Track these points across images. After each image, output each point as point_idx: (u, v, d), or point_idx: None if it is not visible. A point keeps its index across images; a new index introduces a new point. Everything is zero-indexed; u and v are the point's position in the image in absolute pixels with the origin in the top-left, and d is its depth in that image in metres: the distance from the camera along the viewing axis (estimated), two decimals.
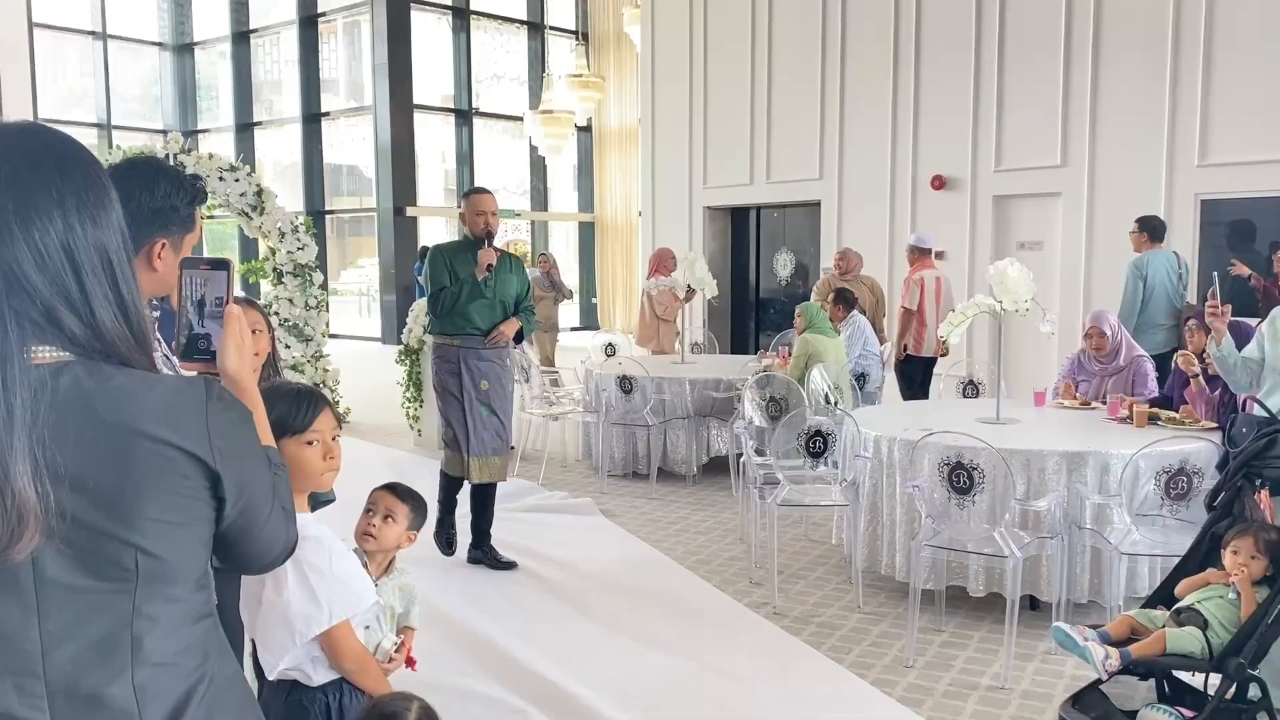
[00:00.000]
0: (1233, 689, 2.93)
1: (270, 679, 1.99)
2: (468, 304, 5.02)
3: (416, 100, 18.55)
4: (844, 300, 7.45)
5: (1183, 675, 3.21)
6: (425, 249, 17.58)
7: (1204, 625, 3.01)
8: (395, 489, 2.48)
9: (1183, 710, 3.04)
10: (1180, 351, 5.29)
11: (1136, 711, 3.10)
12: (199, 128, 22.14)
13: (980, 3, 10.13)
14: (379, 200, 18.27)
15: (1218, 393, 5.02)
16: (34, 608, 1.11)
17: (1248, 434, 3.28)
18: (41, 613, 1.11)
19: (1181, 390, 5.30)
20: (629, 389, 7.17)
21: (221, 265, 1.43)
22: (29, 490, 1.07)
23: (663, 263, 9.17)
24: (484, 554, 5.33)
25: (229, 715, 1.26)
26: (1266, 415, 3.38)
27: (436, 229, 20.27)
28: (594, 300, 21.48)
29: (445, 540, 5.34)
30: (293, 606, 1.89)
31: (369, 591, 2.04)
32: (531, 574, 5.23)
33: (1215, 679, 3.05)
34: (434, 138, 20.10)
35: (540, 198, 21.29)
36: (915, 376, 7.91)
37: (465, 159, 20.00)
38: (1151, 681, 3.18)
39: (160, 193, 1.89)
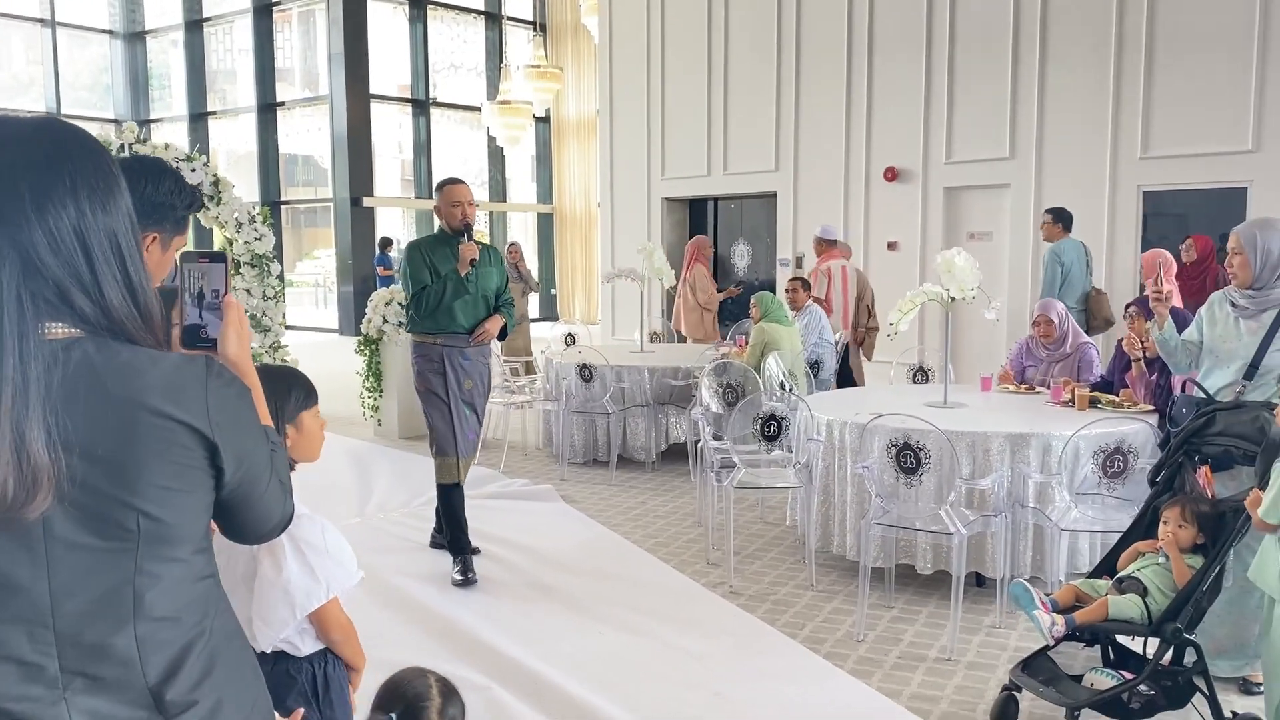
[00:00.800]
0: (1170, 653, 3.11)
1: (260, 651, 2.08)
2: (451, 301, 4.85)
3: (373, 90, 18.46)
4: (806, 286, 7.71)
5: (1124, 640, 3.39)
6: (386, 239, 17.61)
7: (1144, 592, 3.19)
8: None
9: (1125, 673, 3.21)
10: (1125, 336, 5.51)
11: (1082, 675, 3.27)
12: (151, 117, 21.85)
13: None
14: (335, 191, 18.17)
15: (1154, 376, 5.24)
16: (44, 563, 1.20)
17: (1187, 414, 3.45)
18: (51, 568, 1.21)
19: (1122, 374, 5.50)
20: (589, 377, 7.28)
21: (219, 258, 1.50)
22: (43, 455, 1.16)
23: (700, 251, 9.44)
24: (455, 555, 5.13)
25: (227, 667, 1.34)
26: (1205, 396, 3.56)
27: (393, 220, 20.21)
28: (553, 292, 21.54)
29: (464, 569, 4.92)
30: (293, 582, 1.98)
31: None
32: (494, 558, 5.32)
33: (1154, 644, 3.24)
34: (391, 128, 20.02)
35: (499, 189, 21.30)
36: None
37: (423, 149, 19.95)
38: (1097, 648, 3.35)
39: (164, 189, 1.99)
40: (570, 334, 9.57)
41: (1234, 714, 3.25)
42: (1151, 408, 5.07)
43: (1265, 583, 2.81)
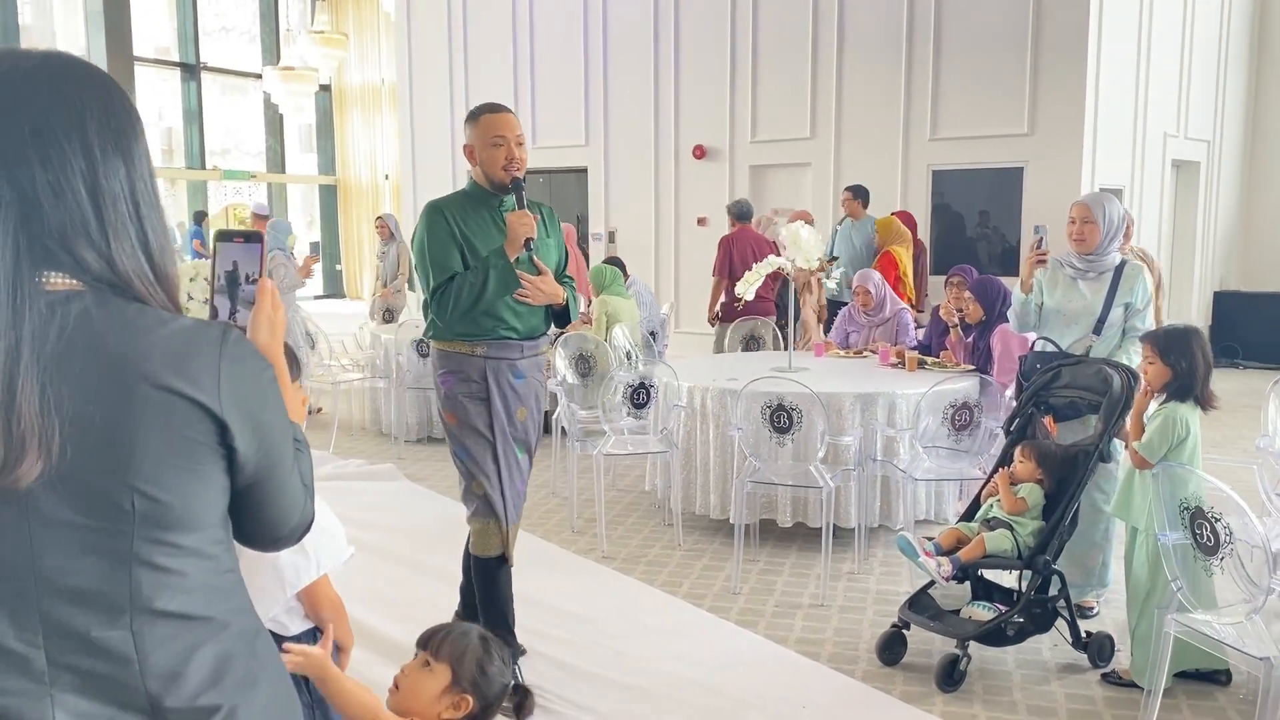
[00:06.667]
0: (1039, 582, 3.48)
1: None
2: (497, 296, 3.27)
3: (136, 53, 17.11)
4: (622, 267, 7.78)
5: (988, 574, 3.75)
6: (201, 213, 16.32)
7: (1010, 527, 3.55)
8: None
9: (999, 605, 3.57)
10: (942, 304, 6.01)
11: (960, 609, 3.61)
12: None
13: None
14: None
15: (971, 338, 5.74)
16: (28, 541, 1.08)
17: (1040, 369, 3.85)
18: (36, 547, 1.08)
19: (941, 338, 6.00)
20: (426, 352, 7.15)
21: (255, 238, 1.38)
22: (34, 415, 1.05)
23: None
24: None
25: (245, 673, 1.20)
26: (1053, 351, 3.98)
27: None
28: (338, 267, 20.77)
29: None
30: (283, 558, 1.91)
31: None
32: (351, 540, 5.18)
33: (1014, 577, 3.62)
34: (152, 94, 18.63)
35: (277, 159, 20.28)
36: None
37: (194, 117, 18.70)
38: (968, 584, 3.70)
39: None
40: (389, 310, 9.35)
41: (1087, 633, 3.68)
42: (972, 367, 5.56)
43: (1128, 515, 3.20)
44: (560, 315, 3.51)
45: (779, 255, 8.01)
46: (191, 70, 18.56)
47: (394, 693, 1.91)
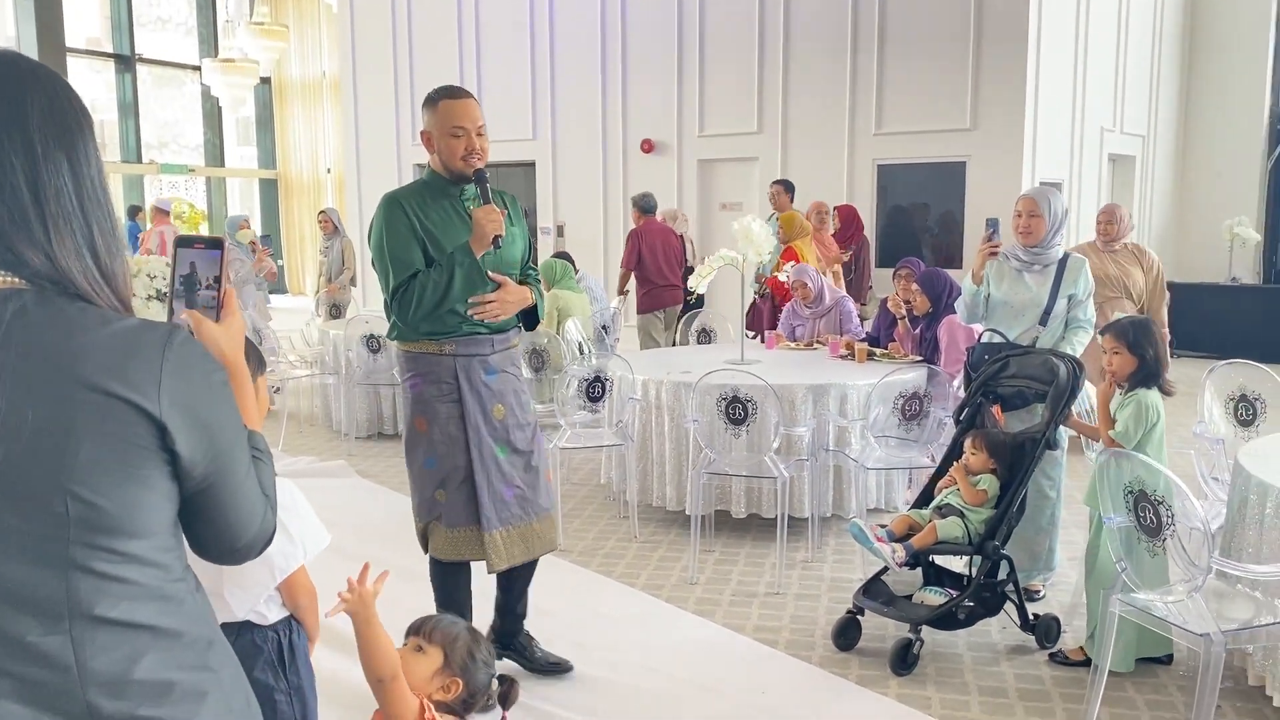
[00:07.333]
0: (988, 567, 3.57)
1: (225, 621, 2.00)
2: (463, 294, 3.11)
3: (68, 44, 16.69)
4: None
5: (939, 560, 3.84)
6: (135, 207, 15.94)
7: (961, 514, 3.64)
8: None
9: (950, 590, 3.66)
10: (889, 296, 6.11)
11: (912, 594, 3.69)
12: None
13: None
14: None
15: (919, 330, 5.85)
16: None
17: (988, 359, 3.94)
18: None
19: (889, 330, 6.10)
20: (376, 348, 7.11)
21: (216, 245, 1.40)
22: None
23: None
24: (521, 654, 3.61)
25: (195, 685, 1.17)
26: (1000, 342, 4.08)
27: None
28: (280, 262, 20.47)
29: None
30: (272, 546, 1.91)
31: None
32: None
33: (964, 563, 3.71)
34: (85, 86, 18.20)
35: (215, 152, 19.92)
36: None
37: (129, 110, 18.30)
38: (920, 570, 3.78)
39: None
40: (335, 306, 9.26)
41: (1035, 616, 3.79)
42: (920, 358, 5.67)
43: (1096, 504, 3.29)
44: (529, 315, 3.37)
45: (685, 248, 8.18)
46: (126, 62, 18.16)
47: None
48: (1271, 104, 12.17)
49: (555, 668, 3.57)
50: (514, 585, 3.55)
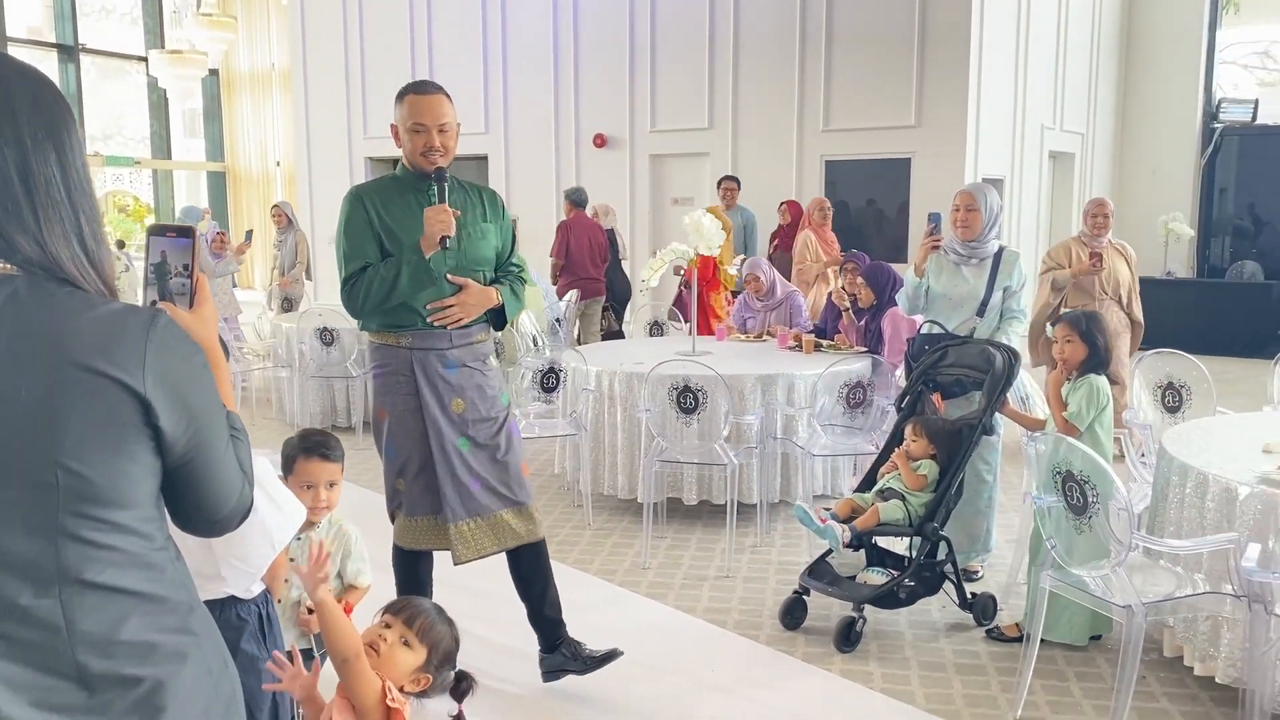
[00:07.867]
0: (928, 548, 3.73)
1: (214, 598, 2.06)
2: (413, 291, 3.11)
3: (8, 33, 16.38)
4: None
5: (881, 541, 4.00)
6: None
7: (902, 498, 3.80)
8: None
9: (891, 570, 3.82)
10: (834, 290, 6.28)
11: (855, 575, 3.84)
12: None
13: None
14: None
15: (863, 322, 6.02)
16: None
17: (928, 349, 4.10)
18: None
19: (835, 322, 6.27)
20: (330, 341, 7.14)
21: (187, 233, 1.44)
22: None
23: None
24: (568, 657, 3.51)
25: (176, 647, 1.24)
26: (939, 333, 4.24)
27: None
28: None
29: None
30: (268, 519, 1.97)
31: (298, 501, 2.17)
32: None
33: (904, 544, 3.87)
34: None
35: (162, 144, 19.65)
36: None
37: (73, 100, 17.98)
38: (863, 551, 3.93)
39: None
40: (288, 299, 9.24)
41: (973, 595, 3.96)
42: (865, 349, 5.83)
43: None
44: (497, 315, 3.31)
45: (612, 244, 8.31)
46: (69, 52, 17.84)
47: (372, 655, 2.01)
48: (1204, 104, 12.57)
49: (606, 659, 3.48)
50: (530, 589, 3.53)
